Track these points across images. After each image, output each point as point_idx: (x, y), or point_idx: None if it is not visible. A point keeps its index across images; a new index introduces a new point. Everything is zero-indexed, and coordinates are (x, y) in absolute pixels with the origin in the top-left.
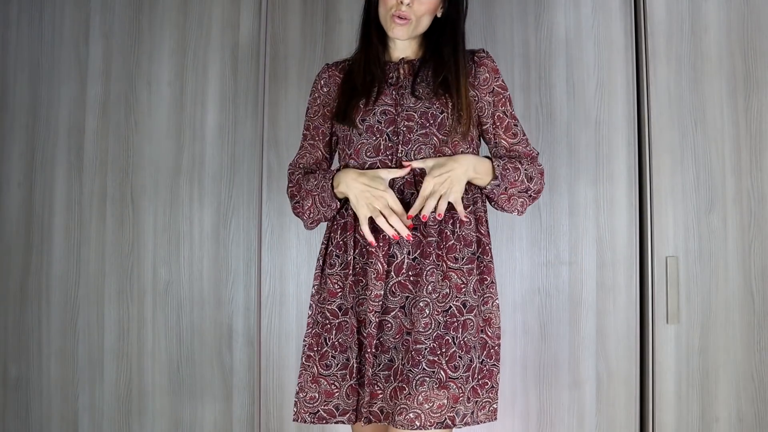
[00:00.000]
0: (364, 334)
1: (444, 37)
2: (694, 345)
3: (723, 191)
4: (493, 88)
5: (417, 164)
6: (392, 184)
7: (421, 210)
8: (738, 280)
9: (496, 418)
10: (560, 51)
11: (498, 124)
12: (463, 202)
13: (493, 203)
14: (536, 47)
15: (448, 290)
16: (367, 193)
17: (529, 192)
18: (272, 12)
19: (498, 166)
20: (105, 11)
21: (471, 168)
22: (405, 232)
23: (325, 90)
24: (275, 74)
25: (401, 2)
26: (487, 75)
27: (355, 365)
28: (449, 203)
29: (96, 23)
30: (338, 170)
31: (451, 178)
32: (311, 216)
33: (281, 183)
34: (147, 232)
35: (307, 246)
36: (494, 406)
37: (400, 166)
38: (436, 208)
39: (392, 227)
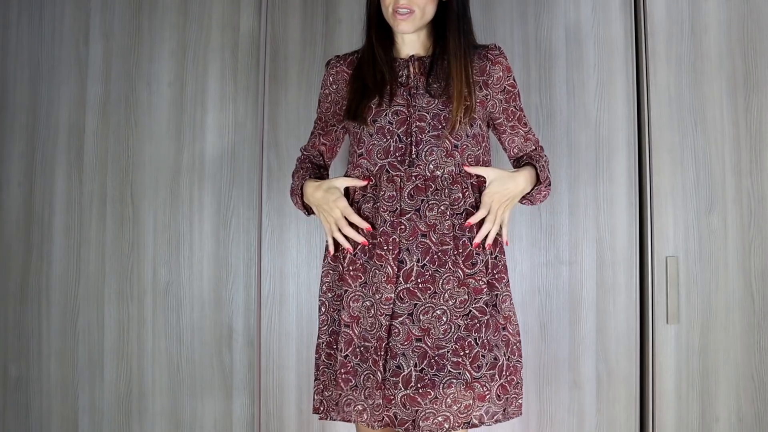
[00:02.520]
0: (372, 338)
1: (449, 23)
2: (694, 345)
3: (723, 191)
4: (505, 87)
5: (475, 171)
6: (402, 188)
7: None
8: (738, 280)
9: (521, 413)
10: (560, 51)
11: (511, 117)
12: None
13: (524, 201)
14: (536, 47)
15: (466, 296)
16: (324, 206)
17: (550, 182)
18: (272, 12)
19: (540, 169)
20: (105, 11)
21: (528, 184)
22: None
23: (334, 87)
24: (275, 74)
25: None
26: (501, 74)
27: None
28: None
29: (96, 23)
30: (309, 178)
31: (508, 200)
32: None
33: (281, 183)
34: (147, 232)
35: (307, 246)
36: (520, 401)
37: (409, 174)
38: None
39: (347, 239)
